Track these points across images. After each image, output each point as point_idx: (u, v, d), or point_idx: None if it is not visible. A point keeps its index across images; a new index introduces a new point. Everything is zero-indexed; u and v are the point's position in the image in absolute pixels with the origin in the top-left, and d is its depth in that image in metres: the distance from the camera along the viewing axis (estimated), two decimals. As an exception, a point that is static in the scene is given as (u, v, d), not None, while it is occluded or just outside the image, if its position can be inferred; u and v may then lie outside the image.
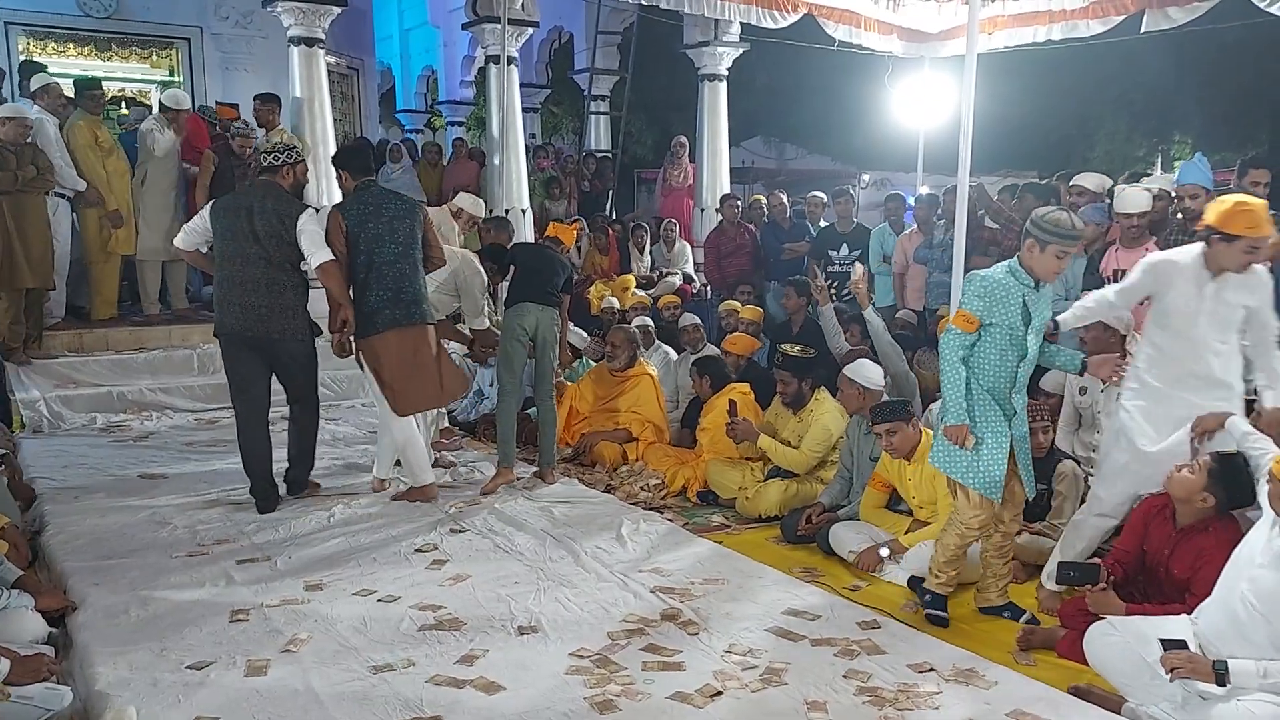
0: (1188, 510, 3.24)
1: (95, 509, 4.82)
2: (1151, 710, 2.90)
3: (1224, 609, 2.85)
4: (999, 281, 3.51)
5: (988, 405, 3.55)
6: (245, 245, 4.66)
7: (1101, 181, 6.00)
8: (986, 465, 3.54)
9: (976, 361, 3.56)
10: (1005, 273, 3.55)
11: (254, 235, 4.64)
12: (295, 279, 4.78)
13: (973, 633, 3.64)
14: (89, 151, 7.24)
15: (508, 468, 5.31)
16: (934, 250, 6.74)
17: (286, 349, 4.81)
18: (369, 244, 4.74)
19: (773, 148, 22.32)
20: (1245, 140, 17.67)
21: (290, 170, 4.81)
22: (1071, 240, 3.44)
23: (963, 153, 4.47)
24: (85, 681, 3.11)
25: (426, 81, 16.05)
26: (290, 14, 8.05)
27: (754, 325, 6.67)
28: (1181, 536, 3.27)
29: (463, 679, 3.12)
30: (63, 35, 9.85)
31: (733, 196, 9.25)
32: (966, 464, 3.57)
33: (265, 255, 4.67)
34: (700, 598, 3.81)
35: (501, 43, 8.40)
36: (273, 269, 4.69)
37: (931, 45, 8.82)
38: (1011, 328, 3.50)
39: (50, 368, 6.96)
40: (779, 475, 5.09)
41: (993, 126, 12.58)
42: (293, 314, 4.76)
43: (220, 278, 4.75)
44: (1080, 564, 3.46)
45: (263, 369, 4.83)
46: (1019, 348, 3.53)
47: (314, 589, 3.86)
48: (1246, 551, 2.88)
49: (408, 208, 4.90)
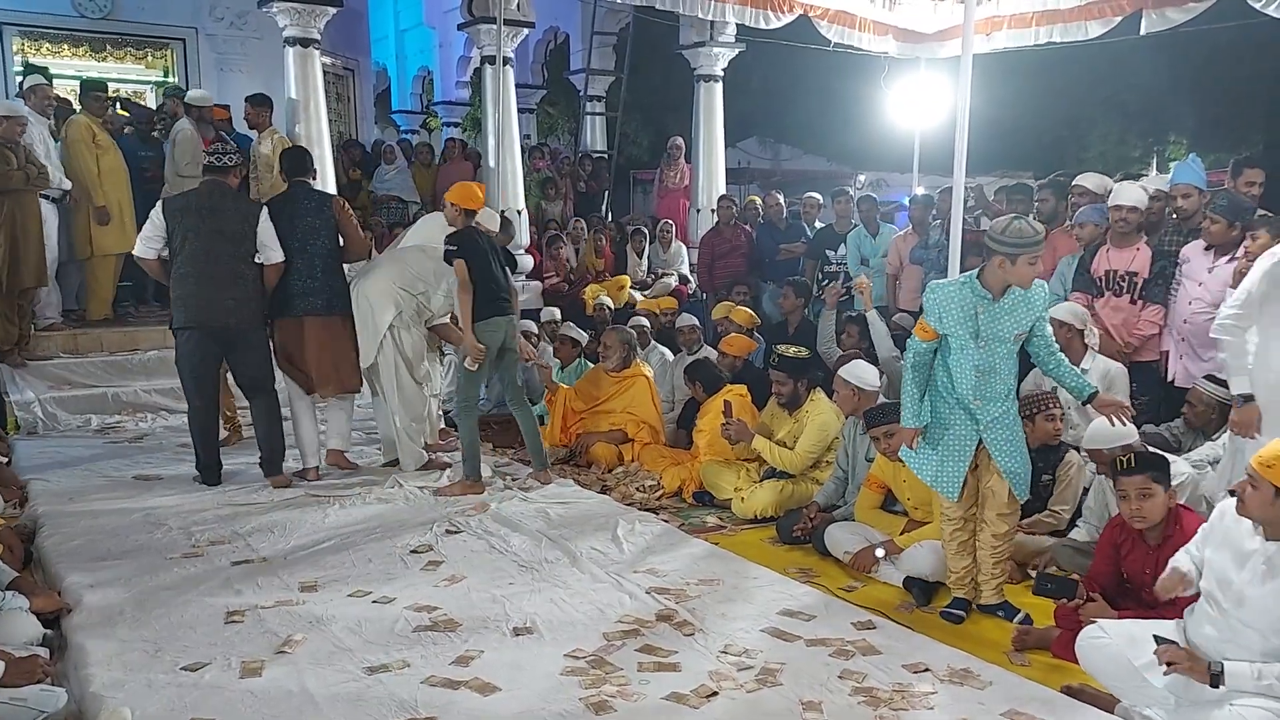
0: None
1: (90, 510, 4.81)
2: (1145, 712, 2.90)
3: (1209, 618, 2.85)
4: (949, 294, 3.58)
5: (950, 410, 3.64)
6: (212, 243, 4.96)
7: (1102, 182, 6.01)
8: (941, 466, 3.67)
9: (940, 368, 3.66)
10: (959, 285, 3.60)
11: (221, 233, 4.97)
12: (255, 272, 5.10)
13: (967, 633, 3.65)
14: (84, 148, 7.25)
15: (475, 481, 5.22)
16: (929, 251, 6.75)
17: (248, 339, 5.16)
18: (287, 237, 5.15)
19: (768, 149, 22.34)
20: (1239, 141, 17.70)
21: (236, 172, 5.18)
22: (1036, 245, 3.46)
23: (958, 154, 4.49)
24: (80, 683, 3.10)
25: (422, 82, 16.04)
26: (285, 15, 8.05)
27: (744, 328, 6.67)
28: (1159, 553, 3.27)
29: (458, 680, 3.12)
30: (57, 36, 9.82)
31: (729, 197, 9.26)
32: (926, 462, 3.72)
33: (234, 252, 5.00)
34: (695, 598, 3.81)
35: (497, 43, 8.40)
36: (239, 264, 5.02)
37: (927, 46, 8.83)
38: (959, 339, 3.57)
39: (45, 369, 6.95)
40: (774, 476, 5.10)
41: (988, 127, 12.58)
42: (256, 305, 5.14)
43: (182, 275, 4.99)
44: (1058, 577, 3.48)
45: (217, 361, 5.22)
46: (972, 358, 3.57)
47: (309, 590, 3.86)
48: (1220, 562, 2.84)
49: (319, 202, 5.36)
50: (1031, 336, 3.60)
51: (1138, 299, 5.13)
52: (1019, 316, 3.54)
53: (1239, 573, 2.76)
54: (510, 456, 6.09)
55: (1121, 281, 5.18)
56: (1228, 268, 4.82)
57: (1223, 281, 4.82)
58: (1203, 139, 18.84)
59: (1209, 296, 4.86)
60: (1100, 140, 20.92)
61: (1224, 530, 2.86)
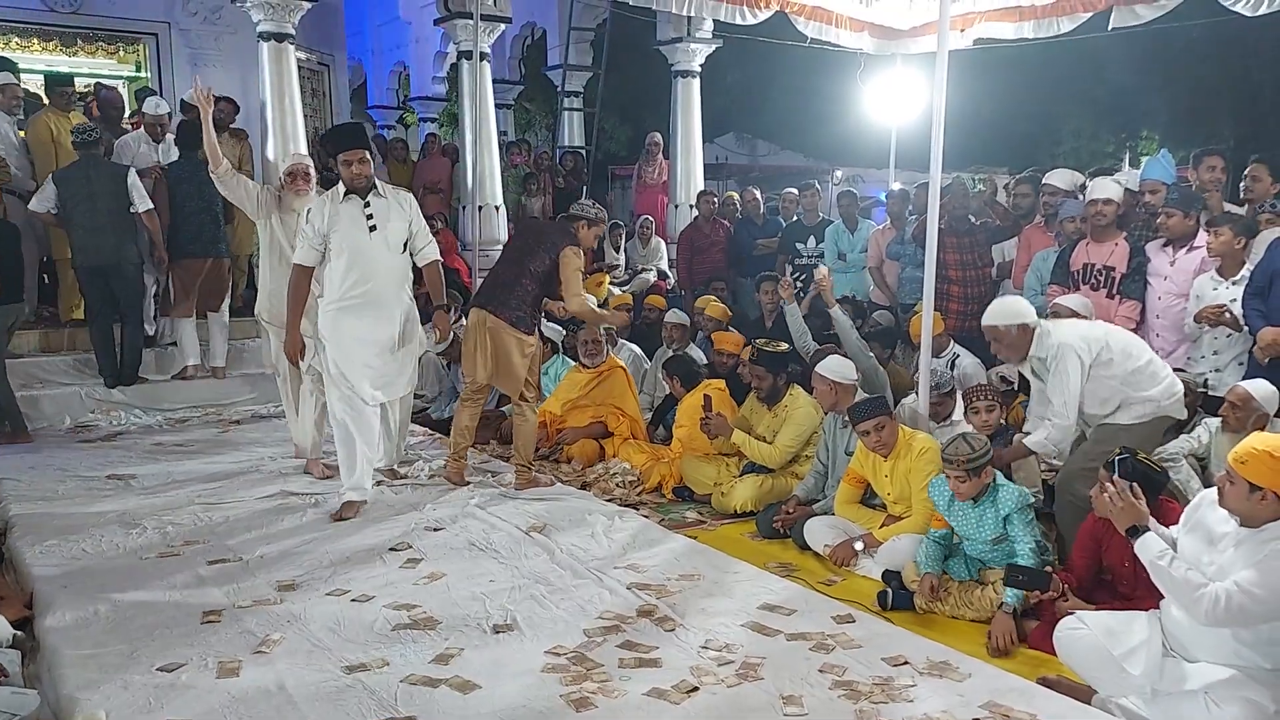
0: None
1: (63, 510, 4.76)
2: (1121, 702, 2.94)
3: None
4: (940, 489, 3.88)
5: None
6: (97, 201, 6.52)
7: (1072, 178, 6.06)
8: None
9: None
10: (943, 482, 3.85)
11: (101, 193, 6.52)
12: (129, 220, 6.69)
13: (946, 626, 3.68)
14: (45, 148, 7.15)
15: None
16: (906, 246, 6.78)
17: (124, 272, 6.73)
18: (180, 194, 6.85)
19: (745, 144, 22.39)
20: (1210, 136, 17.92)
21: (100, 143, 6.69)
22: (950, 464, 3.71)
23: (934, 149, 4.49)
24: (54, 685, 3.06)
25: (398, 77, 15.92)
26: (260, 9, 7.97)
27: (719, 322, 6.67)
28: None
29: (438, 678, 3.10)
30: (27, 30, 9.66)
31: (709, 192, 9.26)
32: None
33: (110, 206, 6.55)
34: (676, 594, 3.81)
35: (474, 38, 8.37)
36: (116, 215, 6.59)
37: (902, 42, 8.86)
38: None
39: (16, 367, 6.85)
40: (754, 471, 5.11)
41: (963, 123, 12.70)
42: (130, 245, 6.74)
43: (74, 226, 6.57)
44: (1030, 569, 3.51)
45: (107, 292, 6.74)
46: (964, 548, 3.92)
47: (287, 589, 3.83)
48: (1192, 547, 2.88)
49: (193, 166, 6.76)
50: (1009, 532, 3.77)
51: (1115, 293, 5.18)
52: (987, 522, 3.77)
53: (1209, 553, 2.82)
54: (489, 453, 6.07)
55: (1099, 276, 5.23)
56: (1189, 258, 4.93)
57: (1186, 272, 4.92)
58: (1174, 134, 19.08)
59: (1175, 289, 4.97)
60: (1073, 135, 21.14)
61: (1199, 518, 2.92)
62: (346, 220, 4.69)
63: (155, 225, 6.75)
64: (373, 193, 4.74)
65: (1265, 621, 2.69)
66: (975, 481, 3.70)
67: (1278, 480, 2.64)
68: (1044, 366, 4.06)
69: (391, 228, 4.76)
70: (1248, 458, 2.67)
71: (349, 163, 4.66)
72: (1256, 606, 2.63)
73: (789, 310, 5.84)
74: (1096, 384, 4.00)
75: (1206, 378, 4.76)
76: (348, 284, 4.70)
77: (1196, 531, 2.90)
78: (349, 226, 4.68)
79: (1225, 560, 2.75)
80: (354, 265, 4.69)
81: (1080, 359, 3.96)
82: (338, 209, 4.71)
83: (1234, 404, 4.23)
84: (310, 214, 4.76)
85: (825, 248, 7.65)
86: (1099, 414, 4.07)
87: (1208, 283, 4.76)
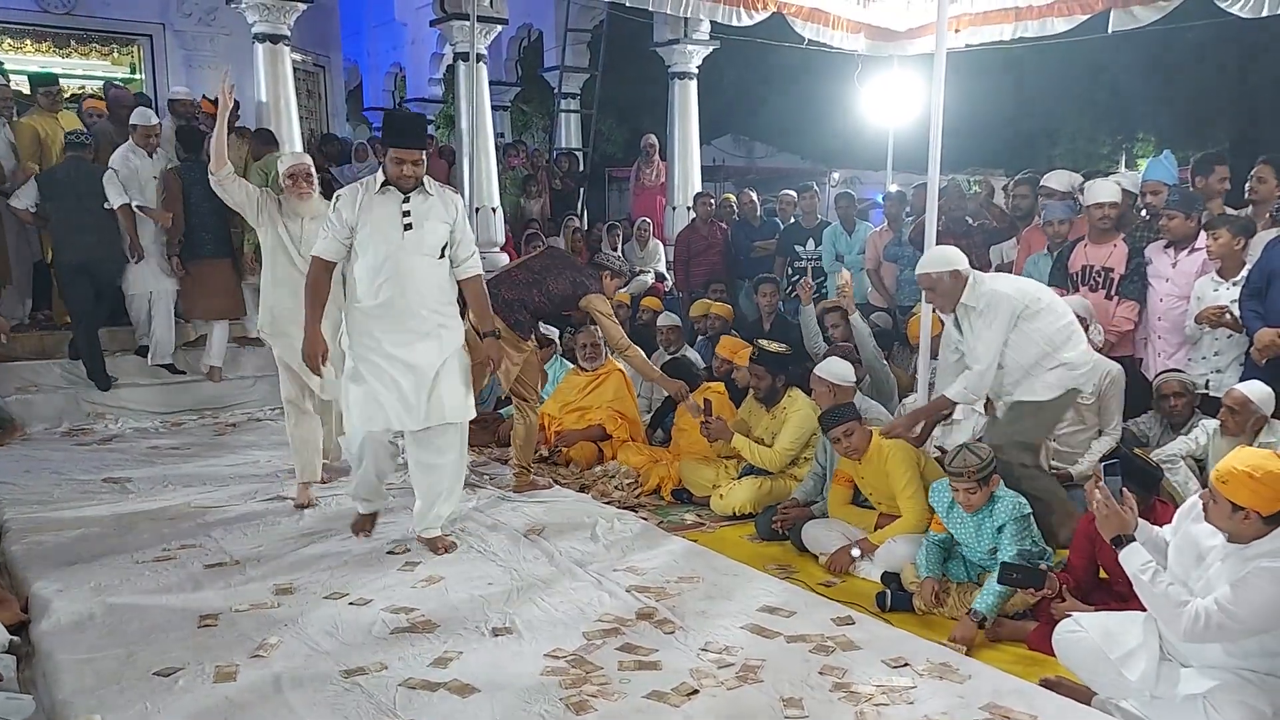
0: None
1: (59, 514, 4.74)
2: (1121, 704, 2.93)
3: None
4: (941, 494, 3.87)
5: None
6: (84, 200, 6.67)
7: (1070, 179, 6.06)
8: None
9: None
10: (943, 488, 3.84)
11: (86, 192, 6.67)
12: (111, 220, 6.80)
13: (946, 627, 3.66)
14: (32, 151, 7.11)
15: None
16: (904, 248, 6.78)
17: (107, 269, 6.88)
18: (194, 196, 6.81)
19: (742, 146, 22.40)
20: (1207, 138, 17.98)
21: (89, 147, 6.92)
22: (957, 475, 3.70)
23: (932, 151, 4.49)
24: (49, 690, 3.04)
25: (394, 79, 15.90)
26: (254, 10, 7.95)
27: (724, 322, 6.67)
28: None
29: (436, 682, 3.09)
30: (19, 31, 9.64)
31: (707, 194, 9.25)
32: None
33: (91, 205, 6.68)
34: (675, 596, 3.80)
35: (470, 40, 8.35)
36: (99, 215, 6.72)
37: (900, 44, 8.85)
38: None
39: (11, 370, 6.83)
40: (753, 473, 5.10)
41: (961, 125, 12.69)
42: (113, 244, 6.87)
43: (56, 223, 6.76)
44: (1024, 567, 3.49)
45: (91, 291, 6.83)
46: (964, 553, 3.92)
47: (284, 593, 3.81)
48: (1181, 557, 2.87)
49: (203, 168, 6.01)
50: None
51: (1113, 295, 5.18)
52: (985, 532, 3.75)
53: (1197, 566, 2.80)
54: (488, 456, 6.05)
55: (1098, 277, 5.23)
56: (1190, 259, 4.93)
57: (1188, 274, 4.91)
58: (1170, 137, 19.10)
59: (1177, 290, 4.96)
60: (1070, 137, 21.17)
61: (1187, 528, 2.89)
62: (379, 214, 4.07)
63: (130, 221, 6.80)
64: (418, 189, 4.13)
65: (1245, 638, 2.66)
66: (985, 491, 3.69)
67: (1258, 500, 2.59)
68: (973, 315, 4.11)
69: (429, 228, 4.11)
70: (1228, 477, 2.62)
71: (401, 161, 4.04)
72: (1235, 625, 2.60)
73: (804, 312, 5.84)
74: (1022, 337, 4.06)
75: (1207, 379, 4.76)
76: (374, 288, 4.09)
77: (1185, 541, 2.88)
78: (380, 222, 4.06)
79: (1212, 574, 2.73)
80: (381, 267, 4.07)
81: (1012, 307, 4.03)
82: (371, 200, 4.08)
83: (1231, 408, 4.23)
84: (339, 201, 4.12)
85: (823, 250, 7.65)
86: (1014, 379, 4.13)
87: (1208, 284, 4.76)
